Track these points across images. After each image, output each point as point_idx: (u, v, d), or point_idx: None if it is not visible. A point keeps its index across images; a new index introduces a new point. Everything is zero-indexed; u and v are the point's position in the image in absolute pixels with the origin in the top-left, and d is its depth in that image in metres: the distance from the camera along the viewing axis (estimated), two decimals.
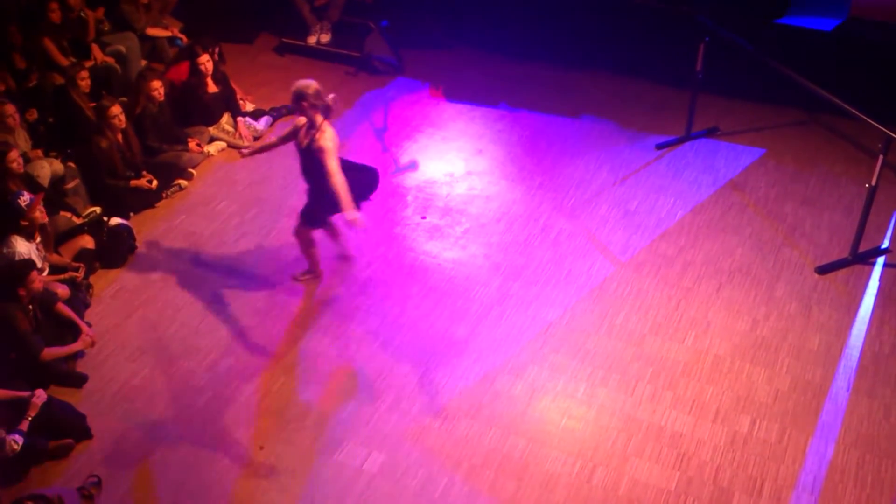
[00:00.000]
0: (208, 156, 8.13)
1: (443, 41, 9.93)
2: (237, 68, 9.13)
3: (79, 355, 6.02)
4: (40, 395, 5.30)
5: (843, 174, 7.79)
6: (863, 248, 6.77)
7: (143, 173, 7.46)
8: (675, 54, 8.53)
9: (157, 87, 7.68)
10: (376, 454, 5.41)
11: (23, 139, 7.21)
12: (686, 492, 5.18)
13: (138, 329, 6.34)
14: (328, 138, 5.85)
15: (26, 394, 5.31)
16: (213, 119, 8.32)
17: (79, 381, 5.88)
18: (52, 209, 6.68)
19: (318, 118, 5.89)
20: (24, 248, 6.09)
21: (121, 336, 6.28)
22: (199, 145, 8.05)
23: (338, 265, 6.85)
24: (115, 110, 7.17)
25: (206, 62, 8.10)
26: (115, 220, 7.02)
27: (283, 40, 9.88)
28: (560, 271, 6.80)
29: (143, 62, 8.85)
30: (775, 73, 7.23)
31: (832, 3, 8.67)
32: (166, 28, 9.22)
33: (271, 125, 8.58)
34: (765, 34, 8.32)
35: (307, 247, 6.56)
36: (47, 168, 7.06)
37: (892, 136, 6.20)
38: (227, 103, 8.39)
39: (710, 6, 8.33)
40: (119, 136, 7.29)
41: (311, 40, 9.75)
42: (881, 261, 6.83)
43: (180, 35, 9.26)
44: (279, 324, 6.38)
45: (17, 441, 5.09)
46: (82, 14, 8.44)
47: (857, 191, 7.35)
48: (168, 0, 9.39)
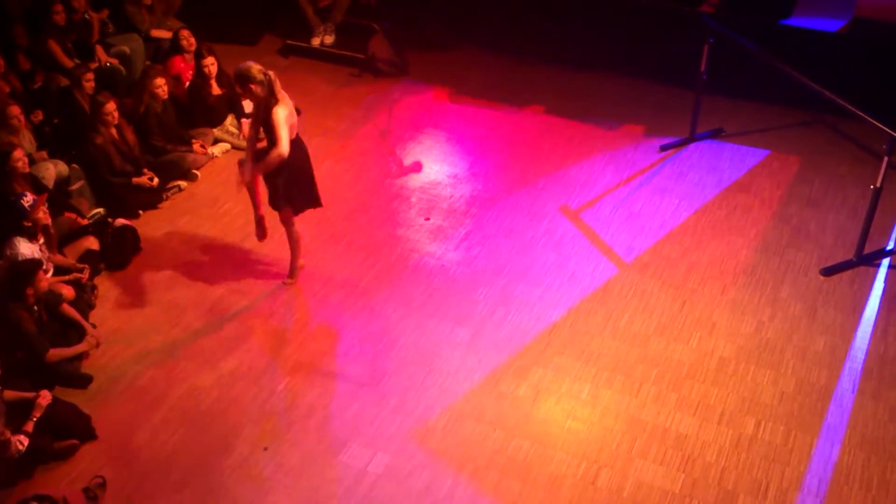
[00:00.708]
0: (213, 157, 8.14)
1: (447, 42, 9.93)
2: None
3: (84, 356, 6.02)
4: (45, 396, 5.30)
5: (847, 175, 7.78)
6: (868, 250, 6.76)
7: (144, 171, 7.47)
8: (679, 55, 8.52)
9: (161, 84, 7.70)
10: (381, 455, 5.40)
11: (28, 140, 7.21)
12: (691, 494, 5.17)
13: (143, 330, 6.34)
14: (281, 108, 5.85)
15: (31, 395, 5.31)
16: (218, 121, 8.33)
17: (84, 381, 5.88)
18: (56, 211, 6.69)
19: (262, 93, 5.88)
20: (26, 249, 6.08)
21: (125, 337, 6.28)
22: (203, 147, 8.06)
23: (341, 266, 6.85)
24: (110, 107, 7.18)
25: (210, 64, 8.12)
26: (119, 222, 7.03)
27: (287, 42, 9.89)
28: (564, 272, 6.80)
29: (147, 63, 8.86)
30: (780, 74, 7.22)
31: (837, 4, 8.66)
32: (170, 30, 9.21)
33: None
34: (770, 35, 8.30)
35: (292, 233, 6.49)
36: (52, 169, 7.07)
37: None
38: (232, 105, 8.40)
39: (716, 7, 8.32)
40: (113, 132, 7.31)
41: (315, 42, 9.76)
42: (886, 262, 6.82)
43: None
44: (283, 324, 6.38)
45: (22, 442, 5.09)
46: (87, 16, 8.46)
47: (861, 192, 7.33)
48: (172, 2, 9.39)
